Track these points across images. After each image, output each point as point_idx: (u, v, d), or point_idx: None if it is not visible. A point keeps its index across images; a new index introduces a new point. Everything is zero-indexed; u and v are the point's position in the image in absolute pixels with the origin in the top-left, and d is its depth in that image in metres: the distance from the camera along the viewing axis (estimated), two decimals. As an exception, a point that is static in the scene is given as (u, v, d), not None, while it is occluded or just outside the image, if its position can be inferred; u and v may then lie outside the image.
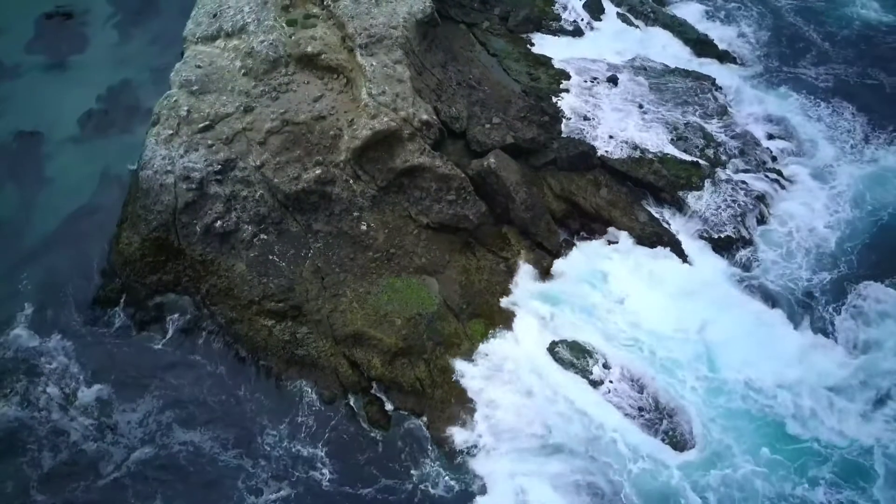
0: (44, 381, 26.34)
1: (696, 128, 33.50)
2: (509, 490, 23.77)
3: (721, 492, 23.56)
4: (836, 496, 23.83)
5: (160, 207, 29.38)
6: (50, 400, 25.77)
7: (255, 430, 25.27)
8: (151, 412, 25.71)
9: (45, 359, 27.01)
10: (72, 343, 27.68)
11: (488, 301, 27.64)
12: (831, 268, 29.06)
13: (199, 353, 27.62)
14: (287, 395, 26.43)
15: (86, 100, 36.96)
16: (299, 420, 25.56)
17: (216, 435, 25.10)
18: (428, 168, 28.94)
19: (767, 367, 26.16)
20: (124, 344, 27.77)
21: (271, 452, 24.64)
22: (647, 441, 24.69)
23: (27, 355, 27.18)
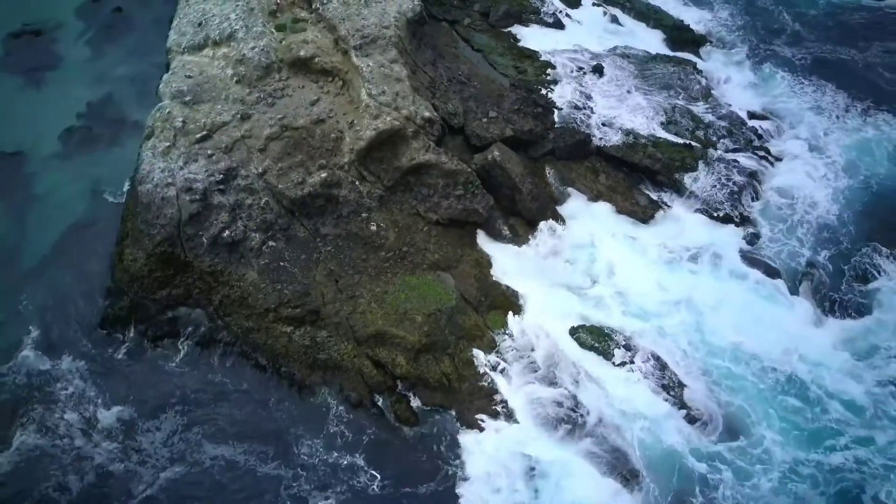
0: (61, 407, 25.59)
1: (684, 111, 34.21)
2: (547, 473, 23.81)
3: (746, 461, 24.00)
4: (848, 459, 24.42)
5: (163, 221, 28.78)
6: (70, 426, 25.06)
7: (288, 438, 24.98)
8: (177, 430, 25.17)
9: (59, 384, 26.26)
10: (84, 364, 26.96)
11: (504, 292, 27.73)
12: (830, 237, 30.01)
13: (217, 366, 27.19)
14: (313, 400, 26.21)
15: (65, 116, 36.03)
16: (330, 424, 25.36)
17: (248, 447, 24.73)
18: (434, 165, 28.97)
19: (784, 340, 26.87)
20: (139, 362, 27.16)
21: (308, 460, 24.41)
22: (672, 416, 25.06)
23: (40, 381, 26.38)
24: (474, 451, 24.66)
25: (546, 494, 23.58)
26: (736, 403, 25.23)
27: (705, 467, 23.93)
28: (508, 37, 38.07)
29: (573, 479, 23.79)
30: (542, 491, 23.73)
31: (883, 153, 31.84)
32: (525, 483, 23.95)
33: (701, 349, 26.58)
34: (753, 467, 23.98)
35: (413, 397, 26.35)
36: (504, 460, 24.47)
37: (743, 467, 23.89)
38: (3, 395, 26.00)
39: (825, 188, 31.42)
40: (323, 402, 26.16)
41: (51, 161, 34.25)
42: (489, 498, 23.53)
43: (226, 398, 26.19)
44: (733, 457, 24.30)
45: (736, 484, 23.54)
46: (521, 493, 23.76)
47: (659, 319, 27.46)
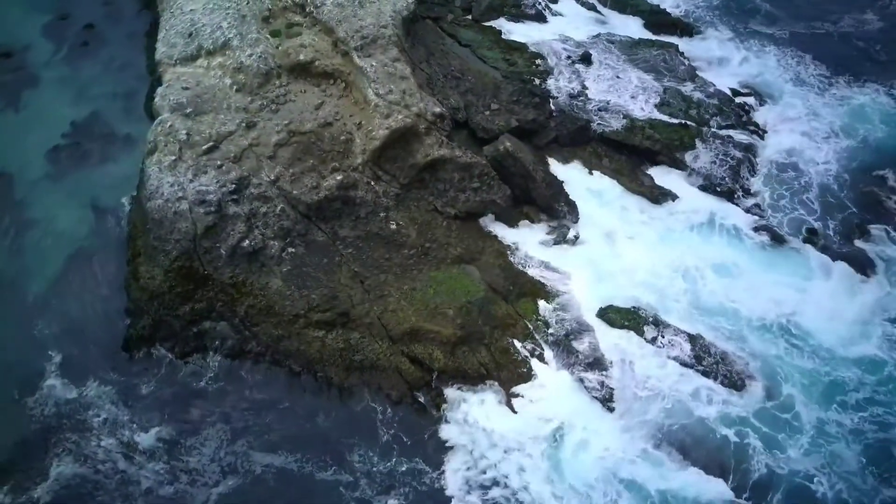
0: (96, 434, 24.94)
1: (674, 92, 35.16)
2: (593, 451, 24.30)
3: (777, 424, 24.83)
4: (869, 417, 25.41)
5: (178, 236, 28.25)
6: (109, 451, 24.44)
7: (338, 442, 24.92)
8: (221, 444, 24.80)
9: (90, 411, 25.61)
10: (113, 389, 26.32)
11: (531, 279, 28.09)
12: (831, 200, 31.22)
13: (251, 376, 26.84)
14: (354, 401, 26.14)
15: (50, 136, 34.91)
16: (377, 424, 25.31)
17: (299, 455, 24.57)
18: (449, 159, 29.15)
19: (798, 302, 27.97)
20: (170, 380, 26.63)
21: (363, 463, 24.40)
22: (706, 386, 25.78)
23: (69, 409, 25.69)
24: (521, 438, 24.84)
25: (592, 470, 23.95)
26: (763, 367, 25.95)
27: (741, 433, 24.57)
28: (493, 31, 38.39)
29: (619, 455, 24.19)
30: (586, 465, 24.11)
31: (875, 117, 33.30)
32: (571, 461, 24.27)
33: (723, 316, 27.37)
34: (784, 430, 24.75)
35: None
36: (550, 443, 24.73)
37: (775, 429, 24.63)
38: (33, 426, 25.27)
39: (821, 155, 32.74)
40: (364, 403, 26.10)
41: (41, 183, 33.20)
42: (543, 481, 23.77)
43: (265, 408, 25.89)
44: (765, 420, 25.04)
45: (769, 446, 24.26)
46: (569, 472, 24.06)
47: (680, 292, 28.19)
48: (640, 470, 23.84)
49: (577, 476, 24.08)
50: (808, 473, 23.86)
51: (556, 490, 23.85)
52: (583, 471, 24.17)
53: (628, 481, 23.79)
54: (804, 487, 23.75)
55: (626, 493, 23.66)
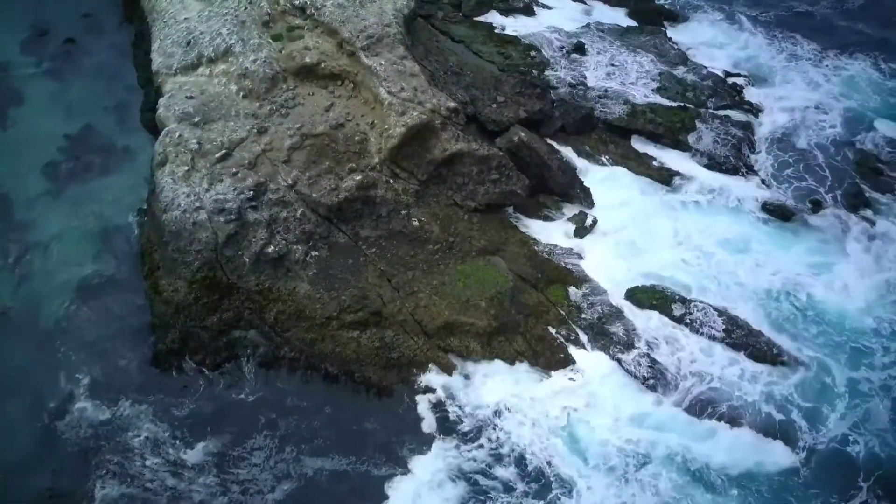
0: (138, 453, 24.44)
1: (669, 76, 36.05)
2: (639, 426, 24.87)
3: (813, 389, 25.74)
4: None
5: (198, 246, 27.89)
6: (155, 470, 24.00)
7: (387, 440, 24.84)
8: (270, 452, 24.61)
9: (129, 431, 25.04)
10: (148, 406, 25.80)
11: (558, 266, 28.49)
12: (831, 173, 32.28)
13: (288, 382, 26.66)
14: (397, 398, 26.15)
15: (44, 151, 33.97)
16: (423, 420, 25.24)
17: (351, 456, 24.42)
18: (466, 153, 29.38)
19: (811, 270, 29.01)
20: (206, 393, 26.28)
21: (414, 454, 24.24)
22: (739, 358, 26.51)
23: (105, 431, 25.08)
24: (564, 420, 25.26)
25: (640, 446, 24.54)
26: (790, 338, 26.84)
27: (778, 401, 25.40)
28: (485, 25, 38.81)
29: (670, 432, 24.74)
30: (633, 442, 24.66)
31: (867, 88, 34.63)
32: (628, 443, 24.76)
33: (742, 290, 28.19)
34: (819, 395, 25.61)
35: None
36: (594, 424, 25.19)
37: (809, 396, 25.52)
38: (69, 450, 24.62)
39: (816, 128, 33.97)
40: (406, 399, 26.05)
41: (42, 201, 32.30)
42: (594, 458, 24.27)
43: (307, 411, 25.73)
44: (798, 386, 25.90)
45: (807, 413, 25.13)
46: (617, 449, 24.57)
47: (700, 269, 28.96)
48: (689, 443, 24.39)
49: (625, 452, 24.51)
50: (845, 435, 24.71)
51: (608, 466, 24.22)
52: (630, 447, 24.61)
53: (678, 455, 24.29)
54: (840, 450, 24.56)
55: (678, 467, 24.16)
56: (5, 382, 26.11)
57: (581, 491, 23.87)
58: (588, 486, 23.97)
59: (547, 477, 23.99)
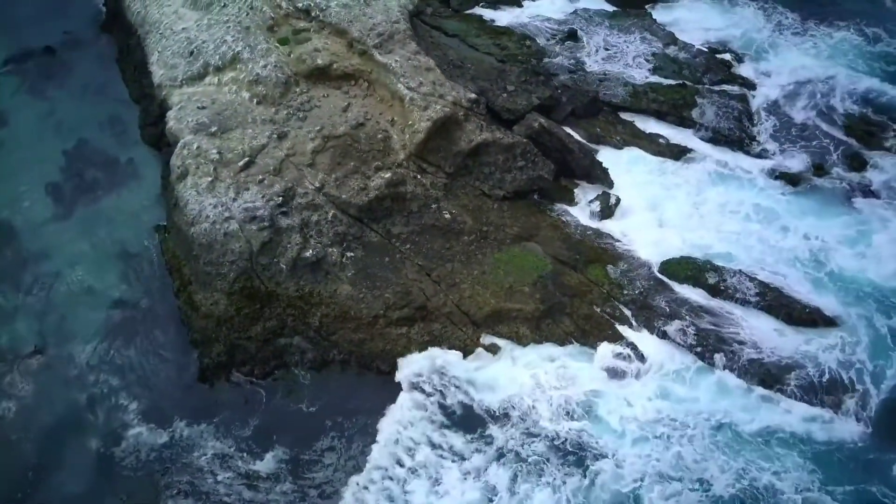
0: (208, 470, 24.25)
1: (662, 56, 37.16)
2: (696, 395, 25.79)
3: (859, 348, 26.91)
4: None
5: (232, 256, 27.66)
6: (229, 485, 23.89)
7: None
8: (340, 453, 24.72)
9: (194, 452, 24.76)
10: (206, 424, 25.62)
11: (593, 245, 29.16)
12: (828, 138, 33.78)
13: (341, 383, 26.77)
14: (453, 389, 26.32)
15: (45, 173, 33.37)
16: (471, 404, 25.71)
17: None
18: (492, 142, 29.80)
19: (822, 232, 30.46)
20: (262, 402, 26.22)
21: (509, 443, 24.76)
22: (774, 322, 27.63)
23: (168, 453, 24.89)
24: (623, 392, 26.00)
25: (704, 414, 25.40)
26: (824, 298, 28.04)
27: (826, 361, 26.44)
28: (476, 18, 39.18)
29: (720, 399, 25.65)
30: (694, 411, 25.51)
31: (851, 54, 36.37)
32: (677, 411, 25.57)
33: (768, 257, 29.33)
34: (863, 350, 26.77)
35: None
36: (652, 396, 25.96)
37: (851, 351, 26.72)
38: (135, 475, 24.37)
39: (808, 96, 35.33)
40: (459, 386, 26.38)
41: (51, 227, 31.64)
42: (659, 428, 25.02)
43: (366, 410, 25.81)
44: (835, 339, 27.12)
45: (853, 368, 26.32)
46: (681, 418, 25.36)
47: (724, 239, 29.96)
48: (739, 408, 25.36)
49: (674, 420, 25.30)
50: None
51: (673, 437, 24.95)
52: (680, 415, 25.41)
53: (728, 420, 25.20)
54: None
55: (729, 432, 25.04)
56: (52, 420, 25.57)
57: (631, 459, 24.45)
58: (639, 455, 24.64)
59: (596, 448, 24.64)
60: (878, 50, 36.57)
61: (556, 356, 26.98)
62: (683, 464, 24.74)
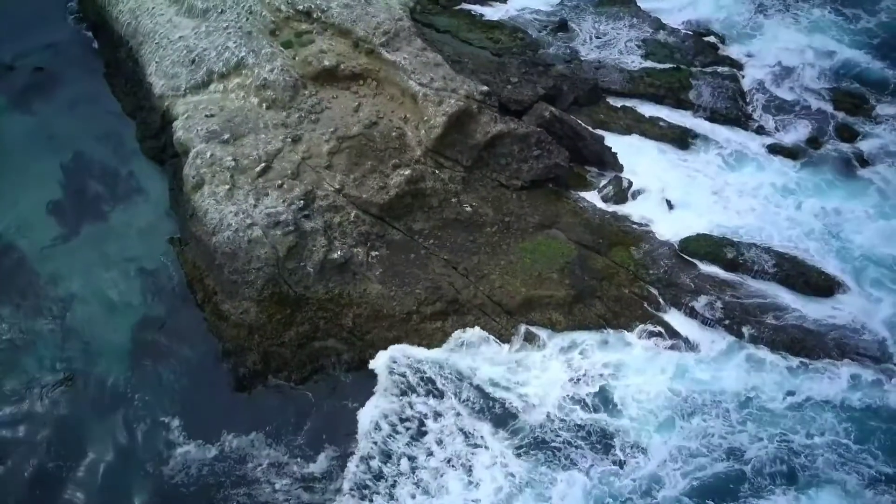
0: (264, 480, 24.03)
1: (652, 41, 38.12)
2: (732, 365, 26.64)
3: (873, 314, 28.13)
4: None
5: (258, 263, 27.50)
6: (287, 492, 23.69)
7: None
8: (400, 445, 24.62)
9: (247, 464, 24.47)
10: (254, 435, 25.20)
11: (613, 229, 29.77)
12: (817, 112, 35.12)
13: (383, 380, 26.51)
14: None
15: (44, 191, 32.20)
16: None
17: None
18: (507, 133, 30.18)
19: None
20: (307, 407, 26.06)
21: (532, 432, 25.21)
22: (789, 292, 28.69)
23: (219, 467, 24.40)
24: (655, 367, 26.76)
25: (742, 383, 26.28)
26: (841, 267, 29.27)
27: (848, 326, 27.69)
28: (465, 14, 39.54)
29: (757, 369, 26.55)
30: (732, 380, 26.36)
31: (831, 30, 37.89)
32: (715, 381, 26.39)
33: (783, 230, 30.41)
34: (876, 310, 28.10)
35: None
36: (689, 370, 26.72)
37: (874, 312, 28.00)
38: (188, 491, 23.94)
39: (795, 72, 36.68)
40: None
41: (58, 248, 30.69)
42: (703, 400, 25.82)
43: (418, 403, 25.82)
44: (862, 305, 28.26)
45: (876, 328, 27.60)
46: (716, 389, 26.19)
47: (735, 214, 30.97)
48: (783, 378, 26.37)
49: (720, 396, 26.09)
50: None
51: (703, 413, 25.71)
52: (722, 391, 26.21)
53: (769, 391, 26.10)
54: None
55: (762, 403, 25.94)
56: (93, 447, 25.00)
57: (660, 439, 25.13)
58: (681, 426, 25.35)
59: (623, 431, 25.24)
60: (858, 27, 38.13)
61: (588, 341, 27.50)
62: (713, 441, 25.38)
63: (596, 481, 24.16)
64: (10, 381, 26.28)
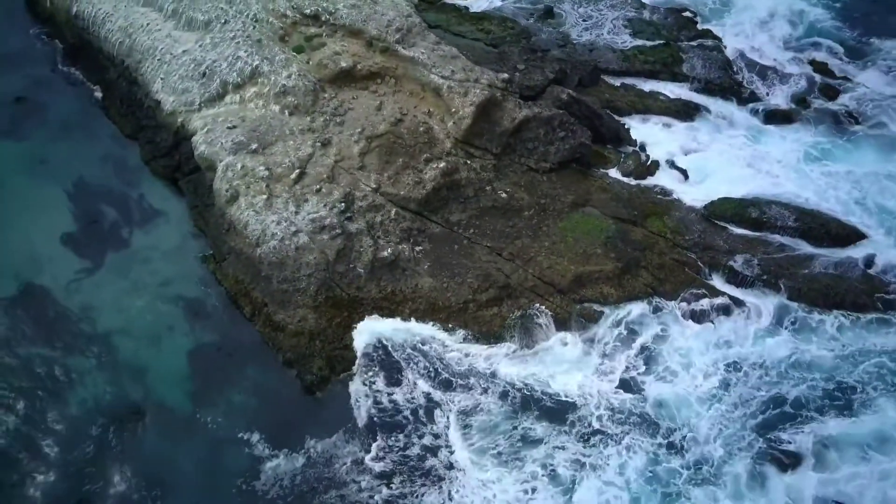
0: (353, 480, 24.31)
1: (637, 20, 39.68)
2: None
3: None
4: None
5: (308, 270, 27.58)
6: (371, 489, 23.88)
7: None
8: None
9: (335, 464, 24.69)
10: (337, 436, 25.42)
11: (644, 201, 30.97)
12: (799, 76, 37.31)
13: (451, 372, 26.96)
14: (559, 356, 27.48)
15: (54, 222, 31.15)
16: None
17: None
18: (532, 118, 31.01)
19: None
20: (378, 403, 26.13)
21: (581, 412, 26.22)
22: (813, 244, 30.57)
23: (310, 473, 24.58)
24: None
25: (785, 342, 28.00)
26: (855, 215, 31.37)
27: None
28: (450, 8, 40.11)
29: (797, 324, 28.33)
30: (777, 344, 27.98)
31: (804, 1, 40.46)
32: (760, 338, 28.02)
33: (797, 185, 32.31)
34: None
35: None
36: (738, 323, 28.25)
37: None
38: (289, 500, 23.93)
39: (774, 41, 39.01)
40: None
41: (84, 283, 29.61)
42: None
43: (480, 386, 26.39)
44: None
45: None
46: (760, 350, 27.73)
47: (747, 176, 32.67)
48: (825, 329, 28.21)
49: (765, 357, 27.65)
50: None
51: (750, 375, 27.19)
52: (766, 351, 27.77)
53: (812, 343, 27.84)
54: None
55: (816, 351, 27.73)
56: (182, 476, 24.57)
57: (708, 407, 26.39)
58: (732, 385, 26.81)
59: (674, 403, 26.52)
60: (825, -5, 40.94)
61: (636, 313, 28.57)
62: (760, 399, 26.69)
63: (650, 454, 25.18)
64: (71, 421, 25.44)
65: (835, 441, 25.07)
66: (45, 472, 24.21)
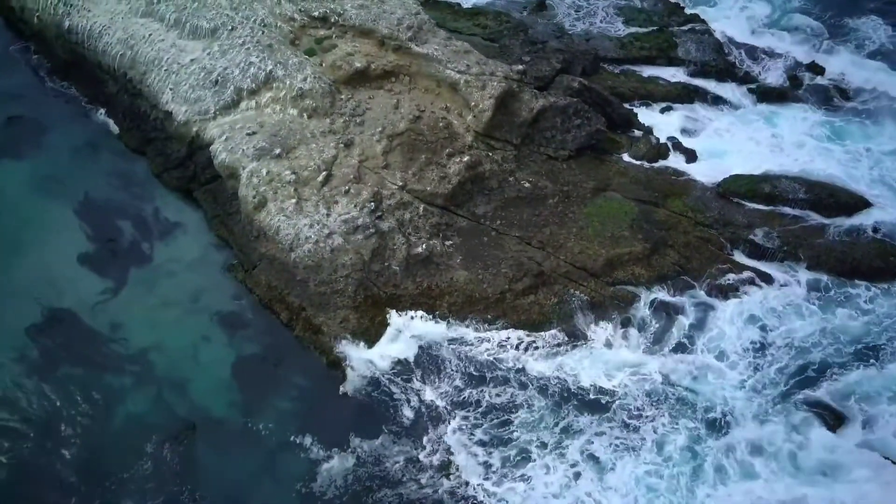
0: (408, 477, 24.46)
1: (628, 8, 40.67)
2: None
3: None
4: None
5: (345, 271, 27.67)
6: (433, 485, 24.15)
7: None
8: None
9: (387, 462, 24.85)
10: (387, 433, 25.46)
11: (663, 182, 31.79)
12: (786, 55, 38.70)
13: (502, 362, 27.33)
14: (598, 341, 28.05)
15: (68, 242, 30.46)
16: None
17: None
18: (549, 107, 31.55)
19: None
20: (422, 395, 26.40)
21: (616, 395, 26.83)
22: (825, 214, 31.79)
23: (362, 472, 24.62)
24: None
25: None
26: (861, 184, 32.73)
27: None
28: (444, 5, 40.50)
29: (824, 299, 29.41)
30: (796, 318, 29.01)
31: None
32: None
33: (803, 161, 33.57)
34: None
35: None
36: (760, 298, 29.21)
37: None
38: (345, 499, 24.08)
39: (759, 23, 40.35)
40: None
41: (107, 301, 28.97)
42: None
43: (526, 380, 26.85)
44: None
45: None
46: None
47: (757, 153, 33.80)
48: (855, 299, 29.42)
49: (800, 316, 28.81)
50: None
51: (780, 349, 28.08)
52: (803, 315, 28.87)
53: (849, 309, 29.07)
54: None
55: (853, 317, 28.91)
56: (242, 486, 24.44)
57: (741, 384, 27.06)
58: (765, 357, 27.79)
59: (706, 385, 27.19)
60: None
61: (668, 293, 29.30)
62: (797, 367, 27.44)
63: (691, 432, 25.80)
64: (121, 440, 25.02)
65: (877, 400, 26.20)
66: (102, 492, 23.79)
